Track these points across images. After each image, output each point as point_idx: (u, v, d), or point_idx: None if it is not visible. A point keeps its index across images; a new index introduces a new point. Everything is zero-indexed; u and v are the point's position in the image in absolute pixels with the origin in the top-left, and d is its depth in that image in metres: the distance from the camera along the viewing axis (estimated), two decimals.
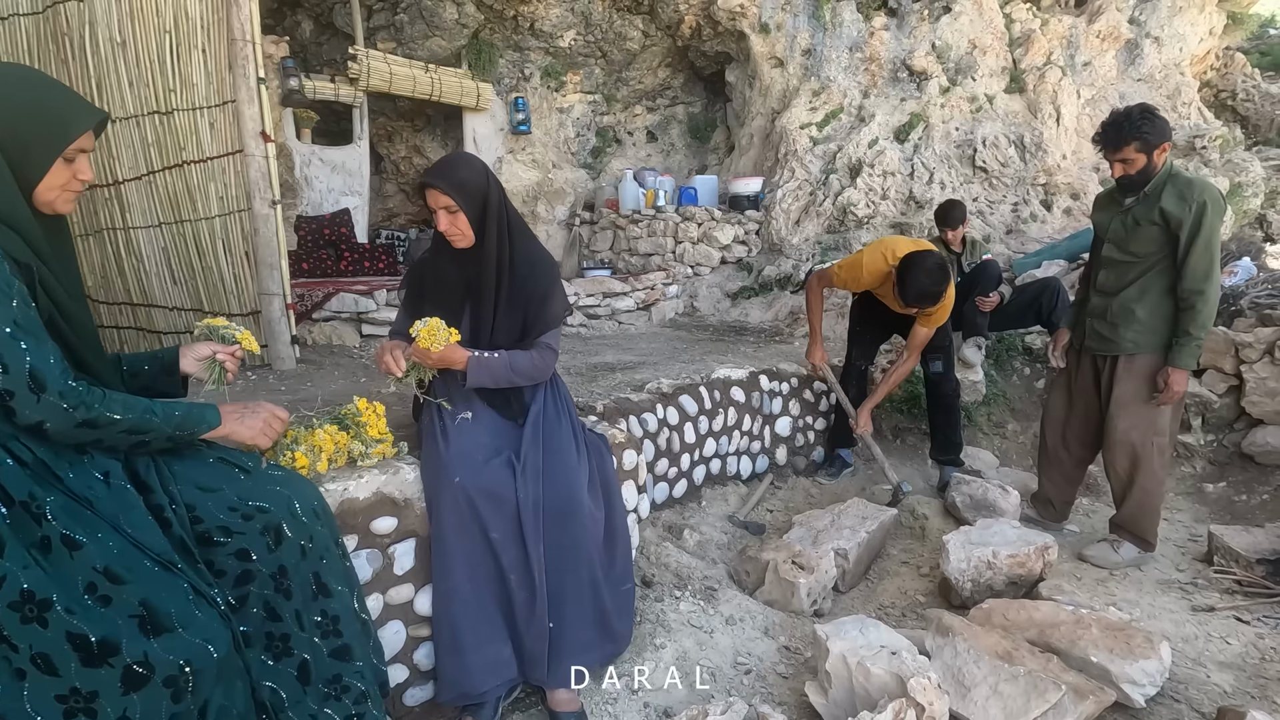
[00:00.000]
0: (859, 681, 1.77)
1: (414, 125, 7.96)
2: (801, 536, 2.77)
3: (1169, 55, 7.95)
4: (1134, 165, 2.45)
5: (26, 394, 1.11)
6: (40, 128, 1.17)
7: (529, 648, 1.74)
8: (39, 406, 1.12)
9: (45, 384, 1.12)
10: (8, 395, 1.10)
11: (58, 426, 1.15)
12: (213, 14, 3.14)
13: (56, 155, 1.20)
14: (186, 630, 1.16)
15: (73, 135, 1.21)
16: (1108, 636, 2.01)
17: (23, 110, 1.16)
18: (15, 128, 1.15)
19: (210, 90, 3.19)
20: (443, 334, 1.74)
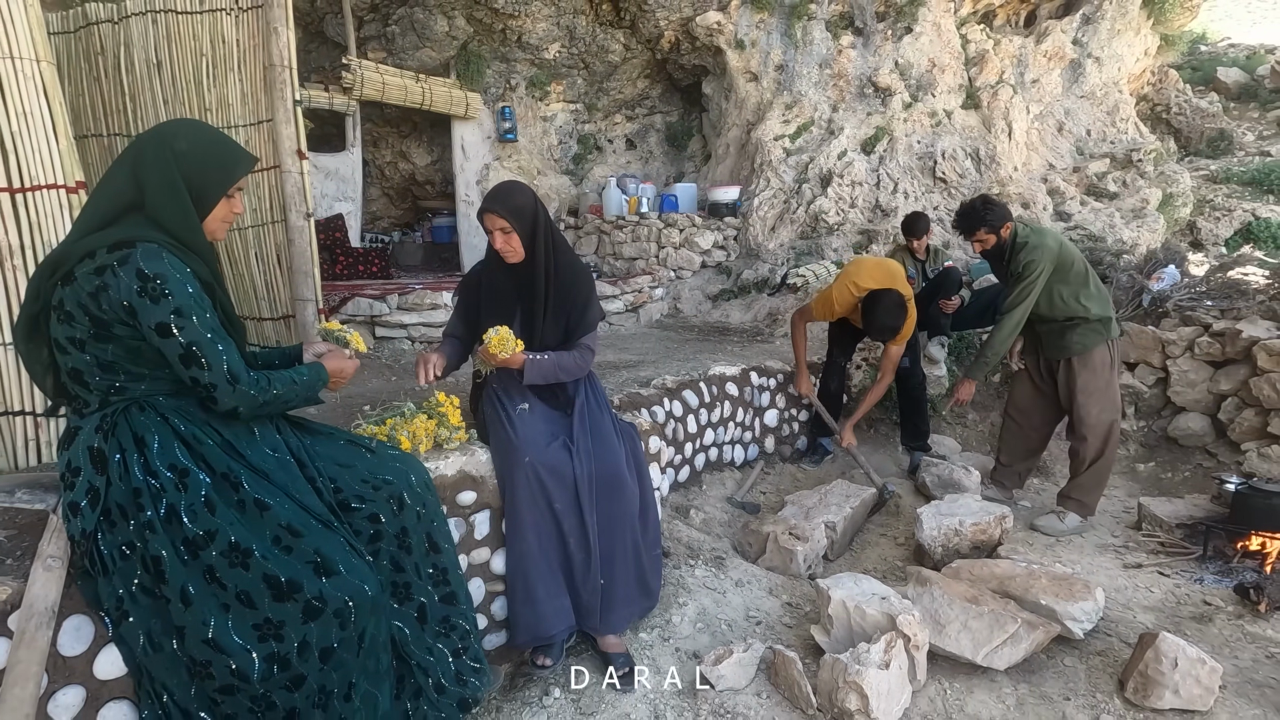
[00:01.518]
0: (856, 621, 2.15)
1: (400, 132, 8.16)
2: (795, 512, 3.16)
3: (1108, 74, 8.62)
4: (987, 243, 3.09)
5: (225, 386, 1.40)
6: (214, 171, 1.46)
7: (585, 600, 2.08)
8: (234, 395, 1.42)
9: (238, 377, 1.42)
10: (212, 388, 1.39)
11: (247, 409, 1.45)
12: (249, 39, 3.38)
13: (224, 193, 1.49)
14: (348, 573, 1.46)
15: (237, 176, 1.50)
16: (1054, 584, 2.43)
17: (202, 157, 1.44)
18: (198, 171, 1.43)
19: (246, 110, 3.43)
20: (511, 343, 2.06)
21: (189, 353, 1.36)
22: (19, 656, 1.16)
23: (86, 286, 1.31)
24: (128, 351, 1.36)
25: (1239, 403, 3.77)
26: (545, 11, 6.95)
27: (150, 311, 1.32)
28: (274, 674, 1.39)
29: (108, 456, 1.36)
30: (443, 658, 1.72)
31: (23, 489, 1.41)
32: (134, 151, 1.39)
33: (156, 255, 1.33)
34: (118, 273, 1.31)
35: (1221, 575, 2.85)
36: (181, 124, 1.50)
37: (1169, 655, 2.01)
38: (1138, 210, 7.32)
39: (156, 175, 1.36)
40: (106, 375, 1.37)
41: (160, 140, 1.39)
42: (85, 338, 1.34)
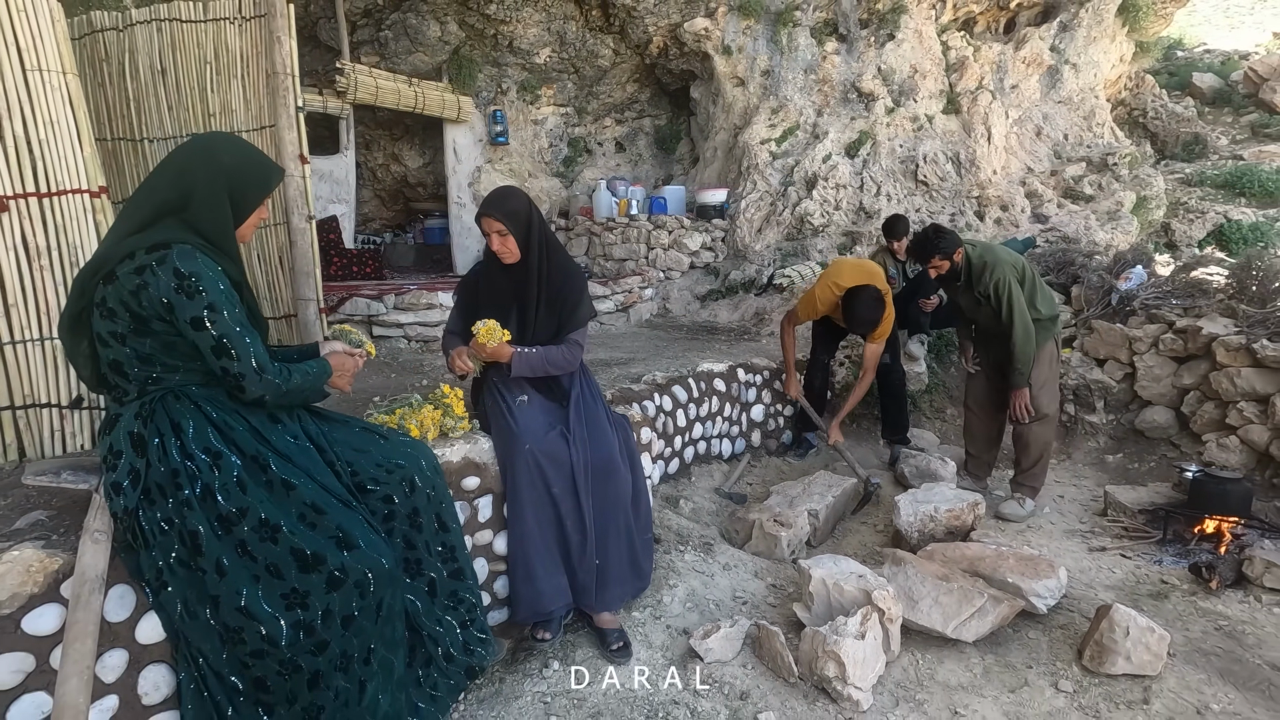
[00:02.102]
0: (835, 598, 2.31)
1: (392, 134, 8.26)
2: (779, 501, 3.32)
3: (1085, 80, 8.86)
4: (942, 269, 3.30)
5: (253, 376, 1.53)
6: (254, 184, 1.60)
7: (581, 579, 2.22)
8: (260, 384, 1.55)
9: (264, 368, 1.55)
10: (240, 377, 1.53)
11: (271, 397, 1.58)
12: (251, 48, 3.50)
13: (261, 201, 1.62)
14: (367, 548, 1.60)
15: (272, 188, 1.64)
16: (1020, 564, 2.60)
17: (244, 170, 1.58)
18: (240, 184, 1.57)
19: (249, 115, 3.54)
20: (498, 333, 2.20)
21: (220, 345, 1.49)
22: (76, 617, 1.28)
23: (127, 285, 1.44)
24: (164, 345, 1.49)
25: (1200, 396, 3.97)
26: (536, 17, 7.09)
27: (186, 307, 1.45)
28: (300, 639, 1.52)
29: (147, 441, 1.48)
30: (451, 629, 1.86)
31: (67, 470, 1.53)
32: (180, 162, 1.52)
33: (191, 255, 1.46)
34: (156, 272, 1.43)
35: (1179, 556, 3.03)
36: (222, 138, 1.63)
37: (1121, 624, 2.18)
38: (1112, 212, 7.56)
39: (204, 186, 1.49)
40: (145, 367, 1.50)
41: (208, 154, 1.52)
42: (126, 332, 1.47)
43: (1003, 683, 2.19)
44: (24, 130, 2.00)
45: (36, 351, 2.09)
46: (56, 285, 2.08)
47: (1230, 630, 2.49)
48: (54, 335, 2.10)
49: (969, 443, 3.76)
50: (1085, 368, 4.50)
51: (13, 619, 1.34)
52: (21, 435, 2.07)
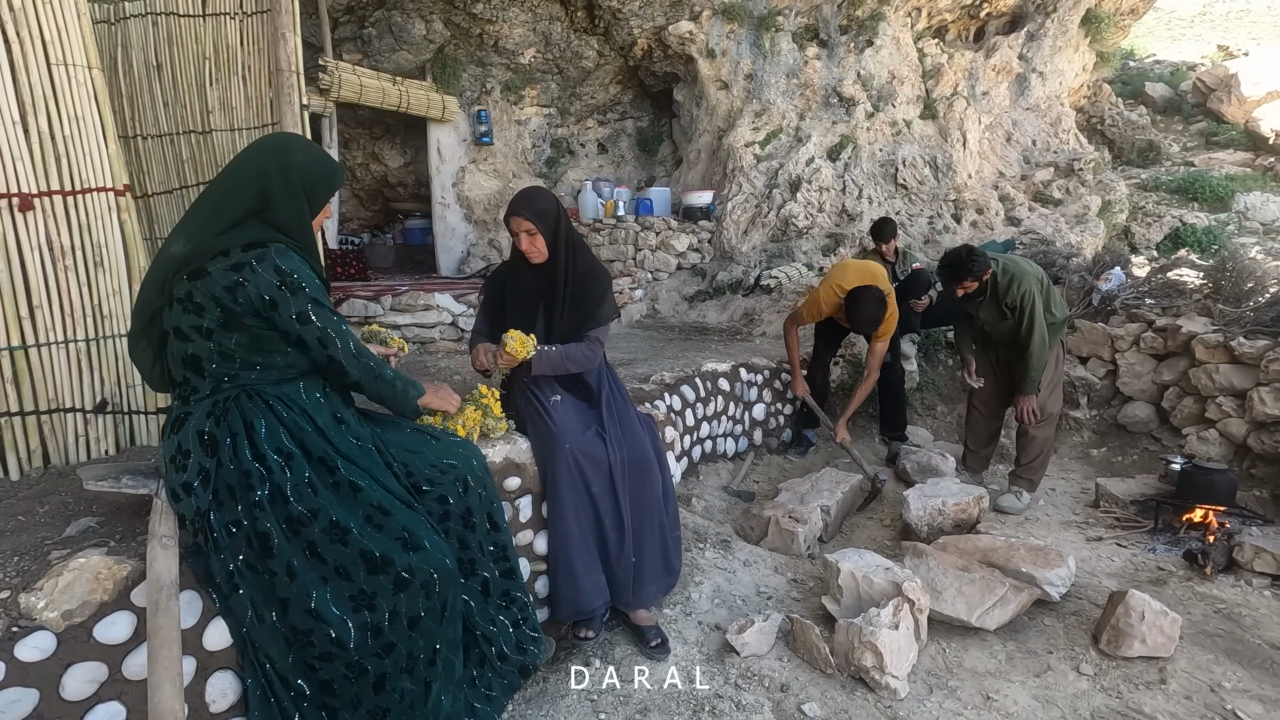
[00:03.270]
0: (864, 590, 2.37)
1: (372, 133, 8.13)
2: (791, 498, 3.38)
3: (1051, 88, 9.18)
4: (971, 289, 3.40)
5: (354, 359, 1.58)
6: (323, 180, 1.59)
7: (619, 577, 2.23)
8: (359, 367, 1.60)
9: (361, 351, 1.58)
10: (344, 362, 1.56)
11: (367, 381, 1.63)
12: (254, 44, 3.42)
13: (328, 200, 1.62)
14: (432, 549, 1.59)
15: (338, 184, 1.63)
16: (1032, 554, 2.70)
17: (315, 168, 1.58)
18: (311, 181, 1.56)
19: (250, 113, 3.47)
20: (530, 344, 2.20)
21: (325, 335, 1.54)
22: (159, 623, 1.25)
23: (222, 281, 1.43)
24: (251, 339, 1.49)
25: (1179, 392, 4.16)
26: (522, 17, 7.06)
27: (291, 303, 1.47)
28: (368, 641, 1.51)
29: (219, 440, 1.46)
30: (504, 628, 1.86)
31: (126, 475, 1.49)
32: (256, 163, 1.51)
33: (288, 254, 1.48)
34: (256, 269, 1.44)
35: (1171, 545, 3.18)
36: (290, 138, 1.61)
37: (1137, 609, 2.29)
38: (1080, 216, 7.85)
39: (282, 185, 1.50)
40: (224, 363, 1.49)
41: (282, 154, 1.52)
42: (214, 327, 1.46)
43: (1027, 668, 2.28)
44: (49, 126, 1.94)
45: (60, 354, 2.02)
46: (80, 286, 2.02)
47: (1228, 613, 2.63)
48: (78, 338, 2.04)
49: (970, 438, 3.88)
50: (1069, 365, 4.67)
51: (84, 627, 1.30)
52: (45, 441, 2.00)
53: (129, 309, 2.21)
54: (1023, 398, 3.47)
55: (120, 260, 2.13)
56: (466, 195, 7.70)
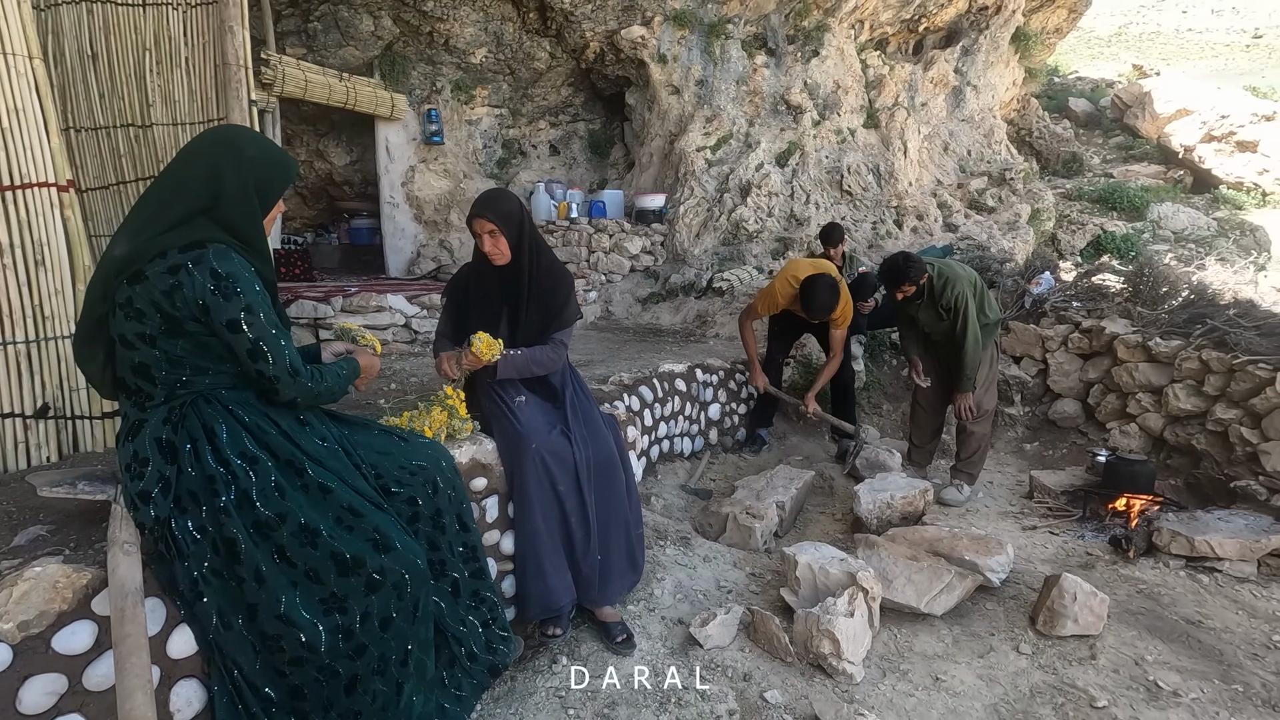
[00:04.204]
0: (821, 580, 2.46)
1: (317, 130, 7.92)
2: (747, 495, 3.47)
3: (984, 101, 9.64)
4: (909, 292, 3.59)
5: (288, 378, 1.50)
6: (278, 176, 1.56)
7: (584, 574, 2.26)
8: (294, 386, 1.52)
9: (298, 370, 1.52)
10: (275, 380, 1.49)
11: (304, 399, 1.55)
12: (198, 37, 3.31)
13: (281, 196, 1.59)
14: (403, 548, 1.59)
15: (292, 180, 1.60)
16: (974, 543, 2.85)
17: (268, 163, 1.54)
18: (265, 177, 1.53)
19: (194, 107, 3.35)
20: (496, 347, 2.21)
21: (256, 348, 1.45)
22: (126, 630, 1.22)
23: (160, 285, 1.38)
24: (196, 346, 1.44)
25: (1104, 389, 4.45)
26: (474, 16, 7.00)
27: (223, 308, 1.41)
28: (339, 644, 1.50)
29: (178, 447, 1.43)
30: (474, 628, 1.86)
31: (83, 480, 1.44)
32: (206, 158, 1.46)
33: (227, 256, 1.42)
34: (192, 272, 1.39)
35: (1098, 531, 3.40)
36: (240, 130, 1.58)
37: (1069, 591, 2.45)
38: (1012, 223, 8.27)
39: (234, 182, 1.44)
40: (174, 369, 1.44)
41: (232, 148, 1.47)
42: (156, 333, 1.41)
43: (972, 649, 2.41)
44: None
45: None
46: (20, 286, 1.93)
47: (1149, 592, 2.84)
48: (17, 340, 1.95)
49: (914, 435, 4.06)
50: (1005, 365, 4.93)
51: (42, 638, 1.26)
52: None
53: (72, 309, 2.12)
54: (960, 395, 3.66)
55: (63, 259, 2.04)
56: (416, 195, 7.57)
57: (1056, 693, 2.18)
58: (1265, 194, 11.12)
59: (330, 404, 1.71)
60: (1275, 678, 2.28)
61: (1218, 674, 2.29)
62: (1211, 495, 3.65)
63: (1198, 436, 3.77)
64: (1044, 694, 2.17)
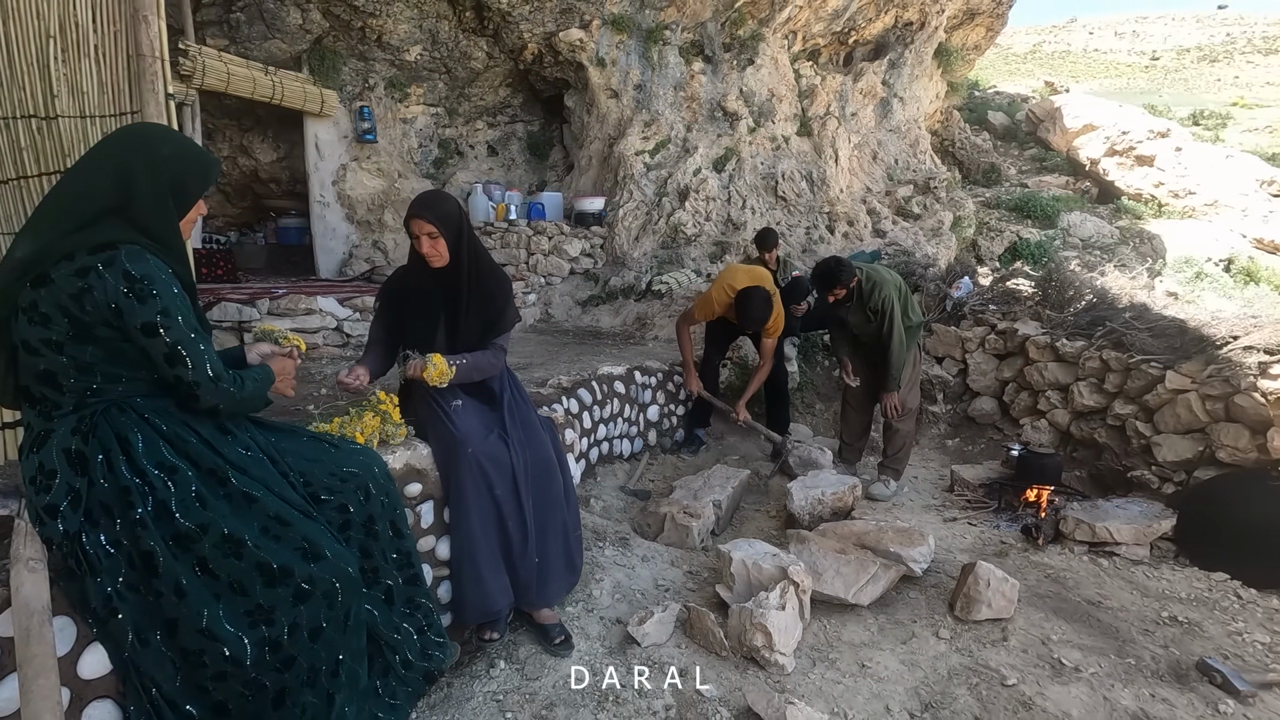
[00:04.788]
0: (754, 576, 2.54)
1: (241, 125, 7.60)
2: (684, 494, 3.53)
3: (910, 112, 10.07)
4: (840, 295, 3.76)
5: (209, 384, 1.46)
6: (195, 176, 1.51)
7: (522, 577, 2.26)
8: (216, 392, 1.47)
9: (220, 375, 1.48)
10: (195, 385, 1.45)
11: (227, 405, 1.51)
12: (108, 24, 3.14)
13: (200, 197, 1.54)
14: (334, 556, 1.57)
15: (213, 180, 1.56)
16: (898, 536, 2.99)
17: (184, 162, 1.49)
18: (180, 176, 1.48)
19: (105, 100, 3.16)
20: (450, 374, 2.18)
21: (174, 352, 1.40)
22: (32, 651, 1.16)
23: (67, 288, 1.32)
24: (108, 353, 1.38)
25: (1017, 387, 4.73)
26: (408, 13, 6.86)
27: (137, 312, 1.36)
28: (266, 657, 1.47)
29: (89, 457, 1.36)
30: (408, 635, 1.85)
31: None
32: (116, 157, 1.40)
33: (141, 257, 1.37)
34: (103, 274, 1.33)
35: (1012, 521, 3.62)
36: (154, 128, 1.52)
37: (984, 578, 2.60)
38: (936, 230, 8.67)
39: (146, 181, 1.39)
40: (83, 377, 1.38)
41: (145, 146, 1.42)
42: (63, 339, 1.34)
43: (896, 637, 2.53)
44: None
45: None
46: None
47: (1056, 577, 3.04)
48: None
49: (844, 433, 4.22)
50: (928, 365, 5.17)
51: None
52: None
53: None
54: (886, 394, 3.83)
55: None
56: (348, 194, 7.36)
57: (971, 673, 2.31)
58: (1161, 205, 12.01)
59: (254, 412, 1.67)
60: (1163, 650, 2.48)
61: (1114, 649, 2.47)
62: (1112, 485, 3.93)
63: (1099, 430, 4.05)
64: (960, 675, 2.30)
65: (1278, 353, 3.21)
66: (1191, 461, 3.53)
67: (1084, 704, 2.17)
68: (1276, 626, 2.71)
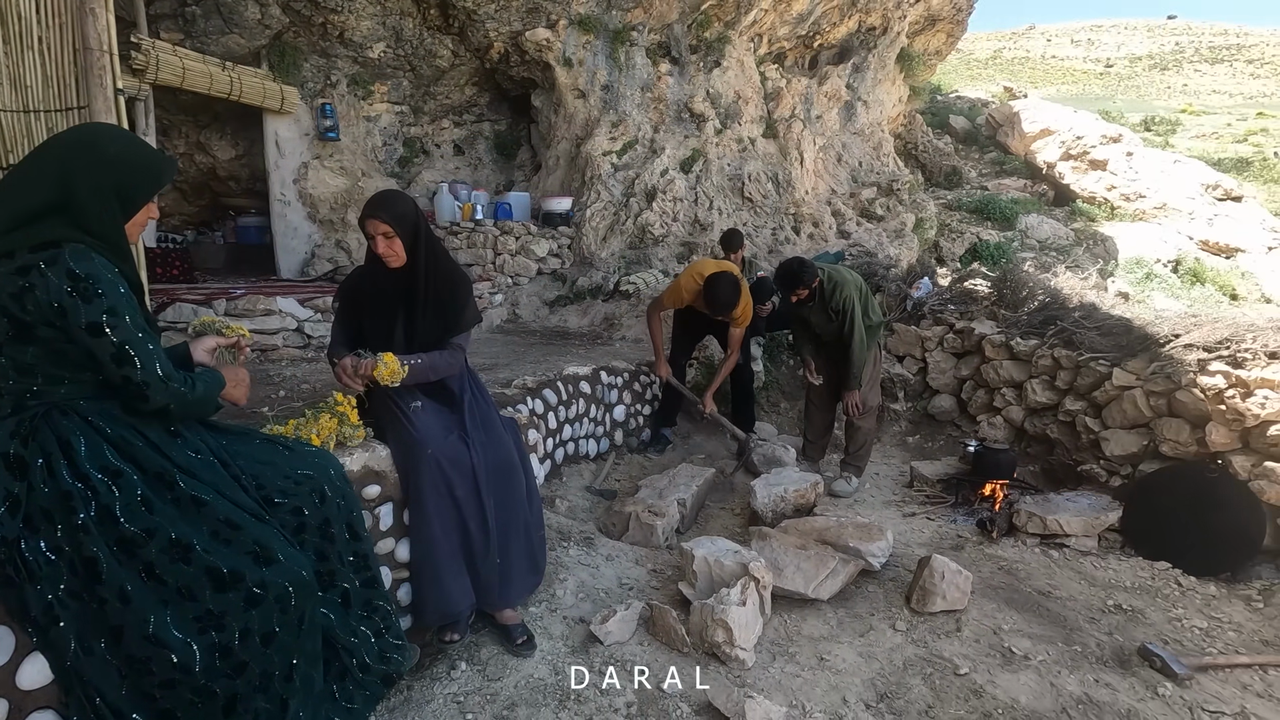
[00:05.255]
0: (716, 573, 2.57)
1: (198, 121, 7.42)
2: (650, 493, 3.55)
3: (874, 116, 10.25)
4: (802, 295, 3.82)
5: (159, 384, 1.43)
6: (144, 177, 1.48)
7: (484, 578, 2.26)
8: (166, 393, 1.45)
9: (170, 375, 1.45)
10: (144, 386, 1.42)
11: (177, 406, 1.48)
12: (53, 17, 3.05)
13: (149, 199, 1.51)
14: (287, 560, 1.55)
15: (164, 182, 1.53)
16: (858, 531, 3.05)
17: (132, 163, 1.46)
18: (128, 177, 1.45)
19: (50, 95, 3.08)
20: (401, 373, 2.17)
21: (122, 352, 1.38)
22: None
23: (8, 287, 1.29)
24: (50, 353, 1.35)
25: (974, 384, 4.85)
26: (371, 10, 6.77)
27: (82, 311, 1.33)
28: (216, 663, 1.44)
29: (28, 462, 1.33)
30: (366, 639, 1.83)
31: None
32: (57, 156, 1.37)
33: (86, 256, 1.34)
34: (46, 273, 1.30)
35: (968, 515, 3.72)
36: (103, 128, 1.48)
37: (939, 571, 2.67)
38: (899, 231, 8.84)
39: (87, 181, 1.36)
40: (23, 379, 1.34)
41: (89, 147, 1.39)
42: (2, 340, 1.31)
43: (854, 630, 2.59)
44: None
45: None
46: None
47: (1009, 569, 3.13)
48: None
49: (808, 431, 4.29)
50: (889, 363, 5.27)
51: None
52: None
53: None
54: (847, 393, 3.90)
55: None
56: (310, 193, 7.23)
57: (926, 664, 2.37)
58: (1114, 208, 12.41)
59: (205, 416, 1.64)
60: (1108, 637, 2.58)
61: (1061, 637, 2.56)
62: (1063, 479, 4.06)
63: (1051, 426, 4.18)
64: (915, 666, 2.36)
65: (1216, 350, 3.35)
66: (1137, 455, 3.67)
67: (1032, 690, 2.24)
68: (1214, 612, 2.83)
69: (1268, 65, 38.85)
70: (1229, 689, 2.33)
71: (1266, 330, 3.30)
